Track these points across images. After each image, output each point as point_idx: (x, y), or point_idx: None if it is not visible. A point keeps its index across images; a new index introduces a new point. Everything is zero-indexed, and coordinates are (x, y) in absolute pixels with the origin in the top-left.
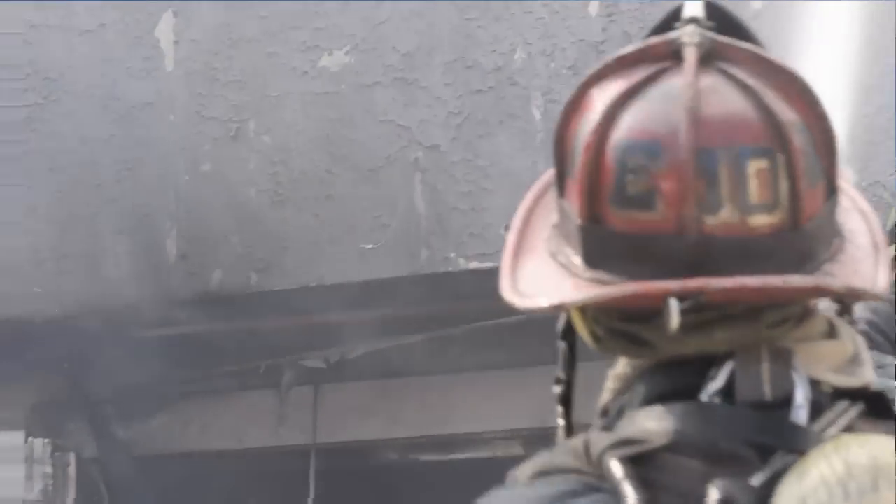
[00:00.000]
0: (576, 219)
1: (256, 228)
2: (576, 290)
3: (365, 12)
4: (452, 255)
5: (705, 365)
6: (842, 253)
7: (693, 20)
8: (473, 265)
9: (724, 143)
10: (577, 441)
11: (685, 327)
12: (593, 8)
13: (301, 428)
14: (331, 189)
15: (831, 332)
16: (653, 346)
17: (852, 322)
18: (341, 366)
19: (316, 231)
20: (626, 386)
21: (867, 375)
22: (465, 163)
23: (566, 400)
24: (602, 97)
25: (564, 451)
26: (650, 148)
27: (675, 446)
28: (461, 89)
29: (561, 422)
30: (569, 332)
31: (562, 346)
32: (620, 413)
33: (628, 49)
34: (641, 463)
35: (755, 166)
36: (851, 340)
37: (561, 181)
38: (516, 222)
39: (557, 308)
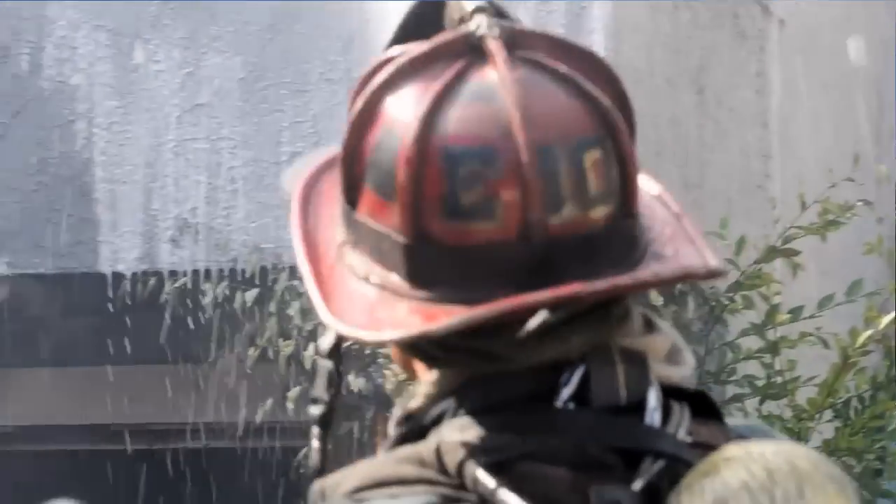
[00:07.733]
0: (398, 237)
1: None
2: (427, 318)
3: None
4: None
5: (552, 370)
6: (651, 232)
7: (480, 10)
8: None
9: (560, 138)
10: (422, 448)
11: (539, 335)
12: None
13: None
14: None
15: (649, 326)
16: (505, 358)
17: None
18: None
19: None
20: (448, 391)
21: (689, 360)
22: None
23: (325, 422)
24: (408, 103)
25: (402, 460)
26: (484, 154)
27: (536, 454)
28: None
29: (316, 444)
30: (336, 352)
31: (326, 365)
32: (438, 420)
33: (418, 49)
34: (503, 472)
35: (591, 158)
36: (669, 331)
37: (353, 197)
38: (300, 244)
39: (420, 338)
